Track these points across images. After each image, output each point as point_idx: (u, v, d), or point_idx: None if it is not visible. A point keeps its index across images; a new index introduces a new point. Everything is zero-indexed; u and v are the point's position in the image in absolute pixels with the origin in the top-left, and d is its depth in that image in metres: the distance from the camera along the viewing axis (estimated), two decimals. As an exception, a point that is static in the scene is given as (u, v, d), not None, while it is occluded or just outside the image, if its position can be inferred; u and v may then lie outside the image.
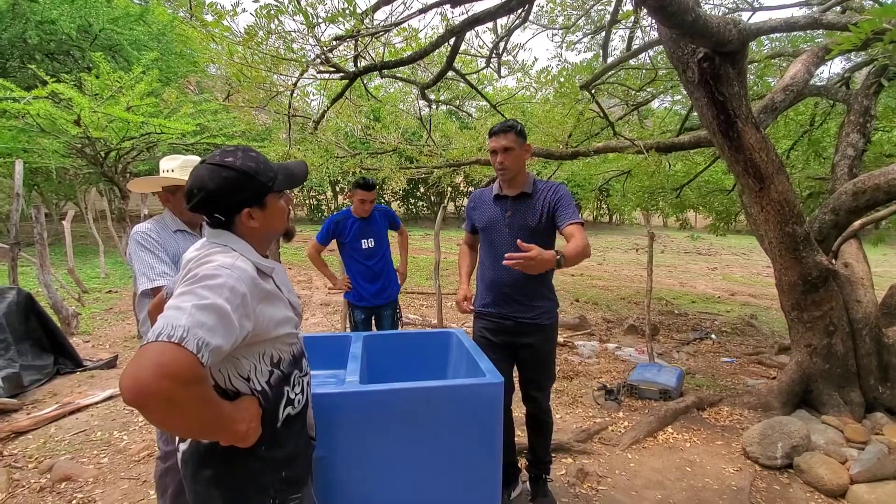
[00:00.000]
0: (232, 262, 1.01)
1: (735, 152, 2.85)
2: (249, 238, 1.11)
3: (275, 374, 1.10)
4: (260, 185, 1.08)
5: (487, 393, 1.54)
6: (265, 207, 1.11)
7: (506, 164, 2.06)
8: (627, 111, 5.23)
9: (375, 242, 3.28)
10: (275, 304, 1.08)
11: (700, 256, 15.07)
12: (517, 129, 2.07)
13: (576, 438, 2.81)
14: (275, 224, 1.14)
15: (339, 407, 1.42)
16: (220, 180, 1.05)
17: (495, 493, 1.59)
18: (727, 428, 3.05)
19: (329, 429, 1.42)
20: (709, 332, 6.13)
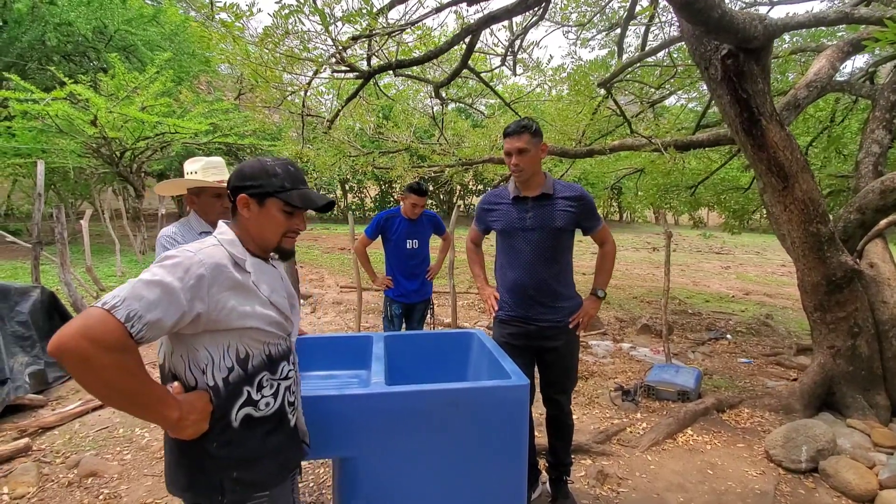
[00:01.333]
0: (201, 247, 1.07)
1: (758, 150, 2.80)
2: (243, 230, 1.17)
3: (235, 372, 1.10)
4: (268, 185, 1.15)
5: (514, 395, 1.53)
6: (262, 206, 1.16)
7: (521, 165, 2.03)
8: (643, 109, 5.17)
9: (419, 244, 3.44)
10: (244, 296, 1.10)
11: (713, 255, 14.89)
12: (532, 130, 2.03)
13: (595, 440, 2.79)
14: (264, 230, 1.17)
15: (366, 408, 1.42)
16: (246, 165, 1.18)
17: (521, 496, 1.59)
18: (748, 430, 3.01)
19: (355, 430, 1.42)
20: (724, 332, 6.06)
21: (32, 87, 7.70)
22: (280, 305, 1.18)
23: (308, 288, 8.15)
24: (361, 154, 6.35)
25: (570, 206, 2.09)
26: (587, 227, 2.17)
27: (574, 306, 2.17)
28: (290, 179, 1.17)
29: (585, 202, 2.11)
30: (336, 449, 1.44)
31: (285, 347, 1.21)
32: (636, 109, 5.87)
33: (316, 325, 6.15)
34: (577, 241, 10.72)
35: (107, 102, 8.21)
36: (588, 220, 2.15)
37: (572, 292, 2.21)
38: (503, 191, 2.23)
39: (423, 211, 3.40)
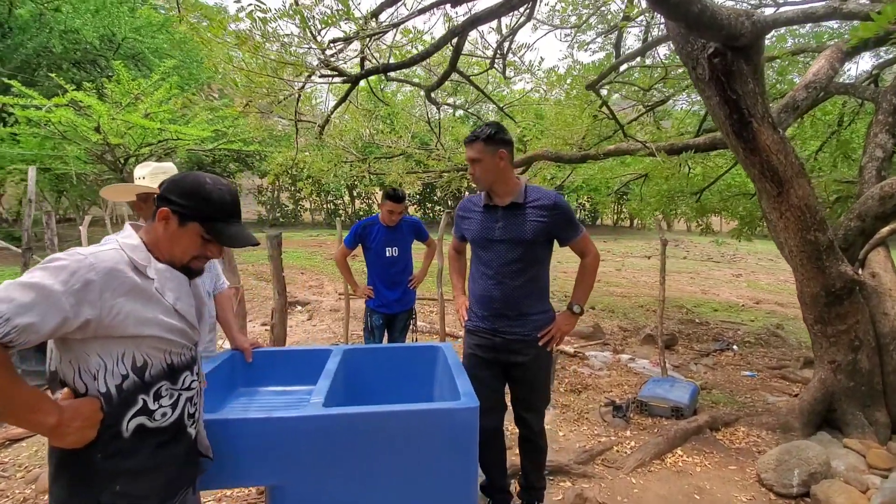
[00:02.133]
0: (95, 250, 1.03)
1: (750, 154, 2.66)
2: (154, 238, 1.13)
3: (130, 380, 1.06)
4: (196, 209, 1.11)
5: (461, 418, 1.42)
6: (181, 227, 1.12)
7: (476, 174, 1.97)
8: (641, 112, 5.02)
9: (399, 252, 3.35)
10: (144, 302, 1.06)
11: (724, 262, 14.56)
12: (484, 137, 1.93)
13: (576, 460, 2.64)
14: (175, 248, 1.14)
15: (296, 431, 1.32)
16: (181, 179, 1.13)
17: (471, 527, 1.46)
18: (742, 451, 2.83)
19: (285, 455, 1.31)
20: (730, 342, 5.85)
21: (34, 94, 7.81)
22: (186, 314, 1.15)
23: (307, 295, 8.10)
24: (357, 159, 6.30)
25: (542, 216, 1.96)
26: (563, 237, 2.03)
27: (545, 320, 2.05)
28: (221, 210, 1.14)
29: (559, 211, 1.97)
30: (263, 476, 1.33)
31: (189, 357, 1.18)
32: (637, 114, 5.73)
33: (311, 333, 6.08)
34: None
35: (110, 109, 8.29)
36: (563, 230, 2.01)
37: (544, 306, 2.09)
38: (478, 198, 2.12)
39: (401, 217, 3.31)
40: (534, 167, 5.90)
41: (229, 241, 1.15)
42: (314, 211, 20.72)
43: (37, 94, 8.01)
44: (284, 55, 3.44)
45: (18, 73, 10.30)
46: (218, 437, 1.28)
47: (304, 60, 3.49)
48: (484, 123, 1.99)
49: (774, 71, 4.53)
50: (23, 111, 7.78)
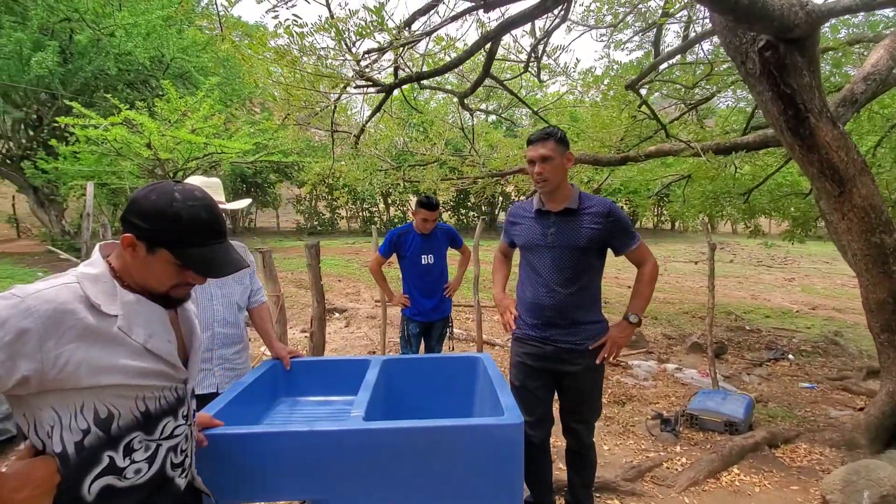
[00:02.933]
0: (38, 288, 0.87)
1: (808, 152, 2.49)
2: (124, 267, 0.97)
3: (92, 435, 0.89)
4: (162, 232, 0.93)
5: (505, 435, 1.37)
6: (151, 254, 0.94)
7: (544, 174, 1.89)
8: (684, 111, 4.83)
9: (435, 259, 3.33)
10: (101, 346, 0.89)
11: (775, 266, 13.81)
12: (557, 137, 1.90)
13: (624, 476, 2.52)
14: (148, 278, 0.97)
15: (338, 445, 1.31)
16: (144, 198, 0.93)
17: (515, 549, 1.41)
18: (805, 470, 2.63)
19: (326, 469, 1.30)
20: (785, 351, 5.51)
21: (92, 114, 8.33)
22: (162, 352, 0.98)
23: (344, 302, 8.22)
24: (391, 167, 6.36)
25: (597, 224, 1.90)
26: (617, 246, 1.96)
27: (598, 330, 1.98)
28: (196, 232, 0.95)
29: (614, 218, 1.91)
30: (304, 490, 1.33)
31: (172, 399, 1.01)
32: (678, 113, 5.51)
33: (348, 340, 6.16)
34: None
35: (159, 126, 8.75)
36: (618, 238, 1.94)
37: (597, 316, 2.02)
38: (528, 203, 2.09)
39: (436, 225, 3.29)
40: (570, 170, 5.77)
41: (206, 269, 0.97)
42: (350, 219, 21.12)
43: (95, 114, 8.55)
44: (321, 68, 3.52)
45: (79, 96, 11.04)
46: (260, 450, 1.29)
47: (340, 72, 3.55)
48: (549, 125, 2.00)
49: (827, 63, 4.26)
50: (82, 131, 8.31)
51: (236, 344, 2.00)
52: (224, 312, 1.95)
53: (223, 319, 1.94)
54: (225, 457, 1.28)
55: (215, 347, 1.93)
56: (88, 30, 10.42)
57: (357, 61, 3.29)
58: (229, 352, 1.97)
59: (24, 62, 9.59)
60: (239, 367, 2.02)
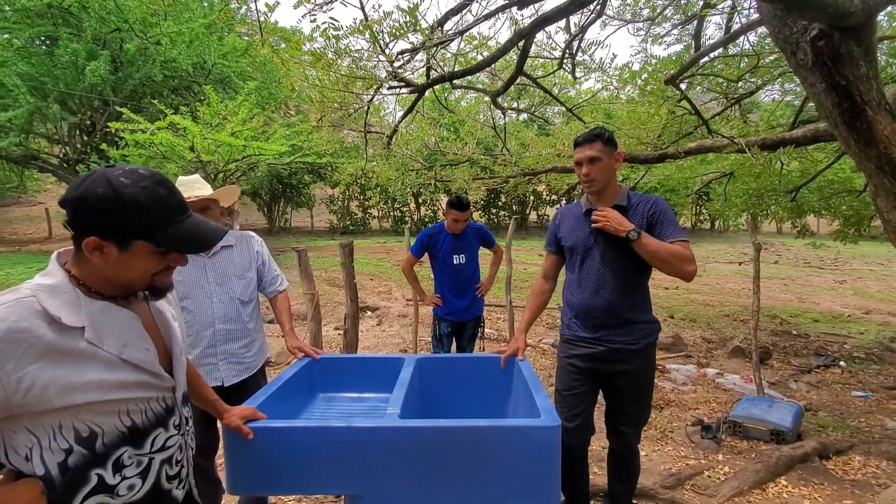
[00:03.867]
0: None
1: (865, 147, 2.34)
2: (94, 272, 0.88)
3: (76, 455, 0.84)
4: (133, 225, 0.85)
5: (542, 437, 1.35)
6: (126, 251, 0.86)
7: (592, 174, 1.88)
8: (726, 106, 4.64)
9: (466, 259, 3.32)
10: (68, 363, 0.82)
11: (824, 268, 13.11)
12: (605, 137, 1.89)
13: (662, 484, 2.45)
14: (127, 274, 0.89)
15: (373, 443, 1.32)
16: (92, 192, 0.83)
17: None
18: (859, 483, 2.48)
19: (362, 466, 1.32)
20: (836, 357, 5.22)
21: (140, 119, 8.74)
22: (139, 361, 0.91)
23: (376, 300, 8.32)
24: (423, 167, 6.39)
25: (644, 218, 1.88)
26: (660, 233, 1.86)
27: (650, 330, 1.94)
28: (161, 211, 0.87)
29: (660, 207, 1.91)
30: (342, 485, 1.35)
31: (160, 410, 0.95)
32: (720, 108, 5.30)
33: (380, 338, 6.23)
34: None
35: (202, 130, 9.10)
36: (662, 224, 1.87)
37: (648, 315, 1.98)
38: (576, 205, 2.07)
39: (467, 224, 3.28)
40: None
41: (191, 245, 0.91)
42: (382, 218, 21.37)
43: (142, 119, 8.99)
44: (355, 69, 3.57)
45: (128, 102, 11.63)
46: (298, 444, 1.31)
47: (374, 73, 3.60)
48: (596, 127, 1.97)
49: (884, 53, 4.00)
50: (131, 135, 8.73)
51: (241, 339, 1.98)
52: (224, 309, 1.94)
53: (224, 316, 1.94)
54: (264, 450, 1.31)
55: (218, 343, 1.93)
56: (137, 39, 10.95)
57: (390, 62, 3.32)
58: (234, 346, 1.96)
59: (80, 71, 10.15)
60: (247, 360, 2.00)
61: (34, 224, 18.49)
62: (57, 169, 12.93)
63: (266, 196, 18.47)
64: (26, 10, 9.99)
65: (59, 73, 10.27)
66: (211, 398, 1.31)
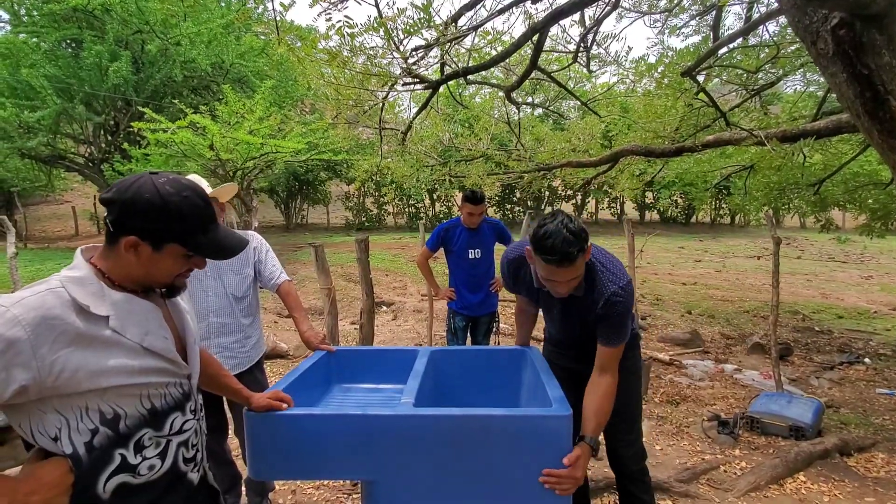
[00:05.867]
0: (22, 296, 0.84)
1: (888, 137, 2.27)
2: (121, 269, 0.96)
3: (101, 435, 0.90)
4: (174, 230, 0.94)
5: (552, 426, 1.37)
6: (160, 252, 0.95)
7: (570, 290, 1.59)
8: (745, 97, 4.55)
9: (482, 254, 3.34)
10: (95, 349, 0.88)
11: (850, 263, 12.76)
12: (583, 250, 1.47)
13: (677, 477, 2.44)
14: (154, 274, 0.98)
15: (387, 430, 1.35)
16: (140, 196, 0.91)
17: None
18: (882, 481, 2.44)
19: (377, 452, 1.36)
20: (861, 354, 5.10)
21: (161, 118, 8.94)
22: (159, 350, 0.98)
23: (392, 296, 8.40)
24: (439, 164, 6.41)
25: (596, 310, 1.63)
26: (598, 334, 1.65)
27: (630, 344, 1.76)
28: (198, 220, 0.97)
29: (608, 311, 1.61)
30: (358, 470, 1.39)
31: (178, 395, 1.02)
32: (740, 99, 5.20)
33: (395, 332, 6.30)
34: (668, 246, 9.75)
35: (221, 128, 9.27)
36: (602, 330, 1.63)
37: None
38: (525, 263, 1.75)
39: (483, 219, 3.30)
40: (621, 163, 5.60)
41: (219, 253, 1.01)
42: (397, 215, 21.47)
43: (164, 118, 9.20)
44: (370, 67, 3.60)
45: (149, 102, 11.89)
46: (316, 431, 1.36)
47: (388, 70, 3.62)
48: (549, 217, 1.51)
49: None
50: (153, 134, 8.94)
51: (235, 333, 2.03)
52: (218, 303, 2.00)
53: (217, 310, 2.00)
54: (284, 436, 1.36)
55: (211, 336, 1.99)
56: (158, 40, 11.18)
57: (405, 59, 3.34)
58: (227, 340, 2.02)
59: (103, 72, 10.41)
60: (240, 355, 2.05)
61: (61, 222, 19.08)
62: (83, 168, 13.30)
63: (283, 193, 18.72)
64: (52, 13, 10.27)
65: (84, 74, 10.55)
66: (236, 387, 1.36)
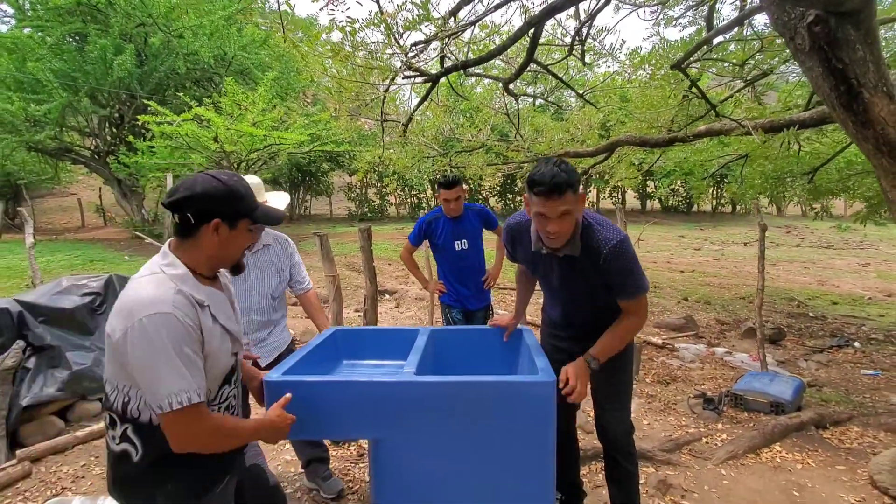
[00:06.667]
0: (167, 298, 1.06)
1: (862, 128, 2.39)
2: (197, 253, 1.16)
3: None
4: (241, 207, 1.17)
5: (537, 392, 1.53)
6: (235, 229, 1.17)
7: (561, 231, 1.60)
8: (738, 88, 4.65)
9: (469, 243, 3.14)
10: (208, 332, 1.13)
11: (848, 250, 12.84)
12: (574, 183, 1.54)
13: (661, 447, 2.61)
14: (231, 250, 1.20)
15: (392, 395, 1.52)
16: (209, 187, 1.13)
17: (548, 495, 1.57)
18: (854, 451, 2.61)
19: (383, 414, 1.53)
20: (851, 338, 5.25)
21: (167, 111, 9.07)
22: (234, 331, 1.24)
23: (394, 284, 8.57)
24: (439, 154, 6.53)
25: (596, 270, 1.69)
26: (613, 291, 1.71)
27: None
28: (252, 196, 1.20)
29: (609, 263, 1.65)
30: (364, 431, 1.56)
31: (229, 369, 1.24)
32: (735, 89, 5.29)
33: (398, 320, 6.48)
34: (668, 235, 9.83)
35: (224, 121, 9.40)
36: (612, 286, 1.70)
37: None
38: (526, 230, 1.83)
39: (463, 205, 3.09)
40: (617, 153, 5.71)
41: (270, 218, 1.25)
42: (399, 205, 21.60)
43: (169, 111, 9.33)
44: (371, 61, 3.73)
45: (153, 95, 12.00)
46: (328, 396, 1.52)
47: (389, 64, 3.75)
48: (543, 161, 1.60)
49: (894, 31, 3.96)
50: (158, 127, 9.08)
51: (268, 327, 2.23)
52: (260, 302, 2.18)
53: (259, 308, 2.18)
54: (300, 400, 1.52)
55: (250, 332, 2.17)
56: (161, 33, 11.26)
57: (405, 54, 3.47)
58: (262, 334, 2.22)
59: (108, 66, 10.52)
60: (270, 343, 2.24)
61: (67, 214, 19.29)
62: (89, 160, 13.46)
63: (286, 185, 18.86)
64: (57, 7, 10.36)
65: (90, 68, 10.66)
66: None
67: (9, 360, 2.80)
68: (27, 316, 3.04)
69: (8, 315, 2.96)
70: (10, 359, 2.81)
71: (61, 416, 3.07)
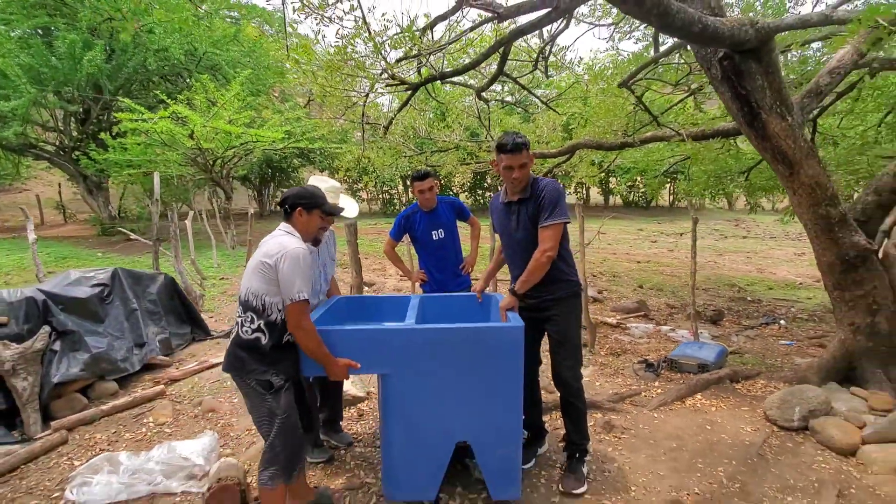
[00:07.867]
0: (300, 244, 1.96)
1: (762, 141, 3.05)
2: (297, 228, 2.04)
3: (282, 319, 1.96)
4: (315, 201, 2.07)
5: (508, 334, 2.04)
6: (310, 215, 2.06)
7: (521, 178, 2.30)
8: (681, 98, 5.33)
9: (445, 233, 3.36)
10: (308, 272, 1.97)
11: (788, 241, 14.08)
12: (527, 145, 2.28)
13: (608, 400, 3.20)
14: (310, 228, 2.08)
15: (399, 339, 2.02)
16: (304, 191, 2.10)
17: (517, 416, 2.10)
18: (757, 398, 3.26)
19: (389, 354, 2.02)
20: (777, 317, 6.04)
21: (142, 108, 9.12)
22: (312, 279, 2.08)
23: (372, 277, 8.98)
24: (415, 154, 7.00)
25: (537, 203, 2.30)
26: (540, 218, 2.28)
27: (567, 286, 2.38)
28: (323, 196, 2.11)
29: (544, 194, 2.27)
30: (377, 367, 2.07)
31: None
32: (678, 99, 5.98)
33: (378, 309, 6.88)
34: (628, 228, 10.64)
35: (201, 118, 9.52)
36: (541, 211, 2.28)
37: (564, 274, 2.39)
38: (497, 197, 2.57)
39: (436, 198, 3.34)
40: (578, 153, 6.33)
41: (333, 211, 2.16)
42: (371, 201, 21.87)
43: (142, 107, 9.37)
44: (359, 71, 4.16)
45: (121, 89, 11.87)
46: (346, 340, 2.01)
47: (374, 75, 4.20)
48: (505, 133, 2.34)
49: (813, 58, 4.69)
50: (132, 124, 9.12)
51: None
52: (324, 286, 2.69)
53: (321, 290, 2.63)
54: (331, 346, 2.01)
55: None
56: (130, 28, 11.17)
57: (390, 68, 3.92)
58: None
59: (77, 61, 10.40)
60: None
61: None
62: (53, 156, 13.17)
63: (256, 180, 18.83)
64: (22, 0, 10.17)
65: (58, 63, 10.51)
66: None
67: (38, 343, 3.12)
68: (50, 303, 3.35)
69: (34, 303, 3.26)
70: (39, 342, 3.13)
71: (83, 395, 3.39)
